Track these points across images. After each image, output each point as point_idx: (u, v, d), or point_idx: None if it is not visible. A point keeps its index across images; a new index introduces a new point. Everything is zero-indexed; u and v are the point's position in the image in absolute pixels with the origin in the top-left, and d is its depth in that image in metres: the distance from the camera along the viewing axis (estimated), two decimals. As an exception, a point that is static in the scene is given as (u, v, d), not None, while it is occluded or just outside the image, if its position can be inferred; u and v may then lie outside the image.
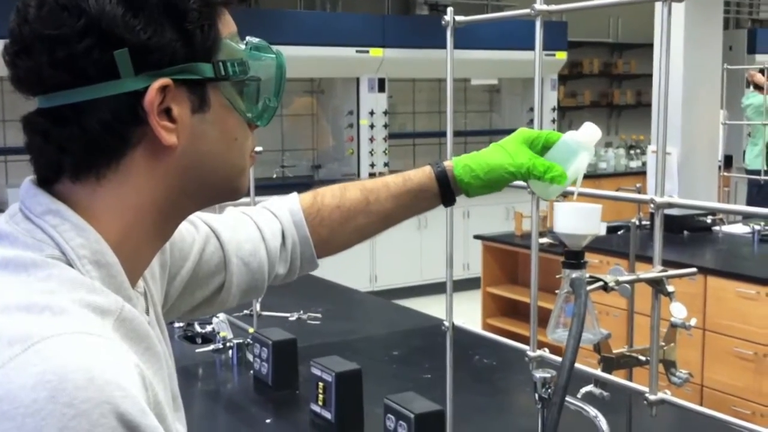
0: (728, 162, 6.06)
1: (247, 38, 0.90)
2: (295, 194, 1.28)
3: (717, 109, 4.81)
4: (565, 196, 1.32)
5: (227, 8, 0.86)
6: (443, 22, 1.56)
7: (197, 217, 1.13)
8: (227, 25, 0.86)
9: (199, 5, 0.81)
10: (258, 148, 1.01)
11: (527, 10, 1.45)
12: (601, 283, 1.30)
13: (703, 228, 4.66)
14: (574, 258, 1.30)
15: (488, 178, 1.24)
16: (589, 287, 1.25)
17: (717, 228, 4.68)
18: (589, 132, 1.25)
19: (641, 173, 7.78)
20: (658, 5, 1.30)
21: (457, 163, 1.26)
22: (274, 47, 0.93)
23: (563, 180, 1.22)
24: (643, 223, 4.42)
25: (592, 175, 8.12)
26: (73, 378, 0.67)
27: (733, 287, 3.82)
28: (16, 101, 0.82)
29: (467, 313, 5.16)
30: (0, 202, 5.98)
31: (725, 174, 5.36)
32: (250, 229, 1.20)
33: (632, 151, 9.03)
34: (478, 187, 1.25)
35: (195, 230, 1.12)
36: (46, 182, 0.82)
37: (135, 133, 0.80)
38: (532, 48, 1.45)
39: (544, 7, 1.43)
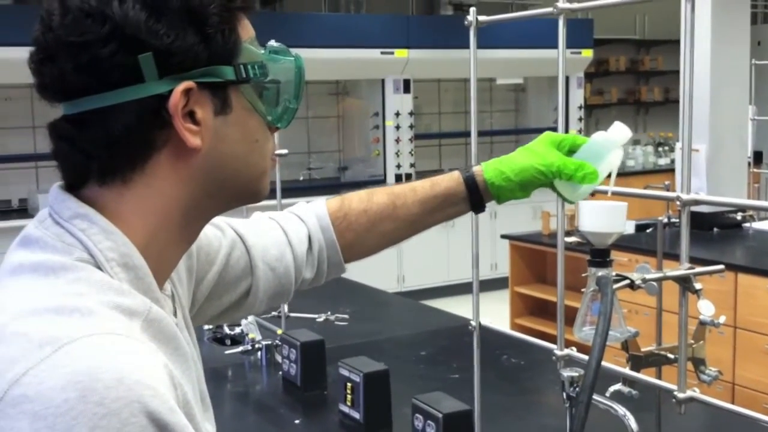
0: (758, 158, 5.99)
1: (267, 43, 0.92)
2: (322, 199, 1.28)
3: (745, 104, 4.75)
4: (593, 194, 1.31)
5: (246, 14, 0.87)
6: (466, 23, 1.56)
7: (224, 221, 1.14)
8: (246, 29, 0.87)
9: (219, 10, 0.82)
10: (284, 151, 1.03)
11: (550, 9, 1.44)
12: (627, 282, 1.29)
13: (733, 225, 4.61)
14: (599, 256, 1.29)
15: (519, 180, 1.23)
16: (615, 285, 1.24)
17: (747, 225, 4.63)
18: (619, 131, 1.25)
19: (670, 170, 7.71)
20: (682, 0, 1.29)
21: (487, 167, 1.25)
22: (294, 50, 0.94)
23: (595, 178, 1.21)
24: (673, 220, 4.38)
25: (620, 173, 7.99)
26: (103, 378, 0.68)
27: (765, 284, 3.77)
28: (45, 108, 0.83)
29: (495, 313, 5.16)
30: (31, 207, 6.06)
31: (755, 170, 5.30)
32: (277, 234, 1.20)
33: (660, 149, 8.95)
34: (509, 191, 1.24)
35: (222, 235, 1.13)
36: (74, 187, 0.83)
37: (160, 136, 0.81)
38: (557, 46, 1.45)
39: (567, 5, 1.43)
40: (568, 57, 1.47)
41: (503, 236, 5.38)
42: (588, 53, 7.98)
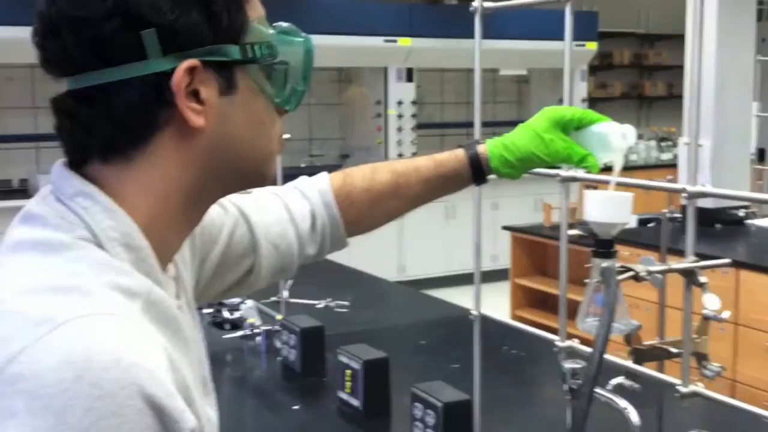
0: (761, 155, 5.97)
1: (276, 23, 0.90)
2: (324, 174, 1.27)
3: (749, 101, 4.74)
4: (595, 186, 1.31)
5: None
6: (471, 9, 1.54)
7: (226, 199, 1.13)
8: (255, 8, 0.86)
9: None
10: (286, 135, 1.01)
11: (558, -3, 1.43)
12: (632, 273, 1.28)
13: (735, 221, 4.60)
14: (604, 247, 1.28)
15: (523, 166, 1.26)
16: (619, 277, 1.23)
17: (749, 221, 4.62)
18: (632, 135, 1.25)
19: (672, 166, 7.67)
20: (692, -8, 1.28)
21: (493, 153, 1.26)
22: (303, 33, 0.93)
23: (595, 170, 1.25)
24: (675, 215, 4.37)
25: (622, 168, 8.03)
26: (100, 359, 0.67)
27: (767, 281, 3.76)
28: (46, 88, 0.82)
29: (496, 305, 5.15)
30: (32, 188, 6.06)
31: (758, 167, 5.28)
32: (280, 211, 1.20)
33: (663, 144, 8.93)
34: (511, 174, 1.28)
35: (224, 213, 1.12)
36: (77, 165, 0.82)
37: (162, 114, 0.80)
38: (561, 38, 1.44)
39: (576, -7, 1.41)
40: (572, 49, 1.47)
41: (504, 228, 5.37)
42: (592, 46, 7.95)
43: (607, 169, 1.29)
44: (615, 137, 1.24)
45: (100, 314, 0.70)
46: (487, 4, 1.54)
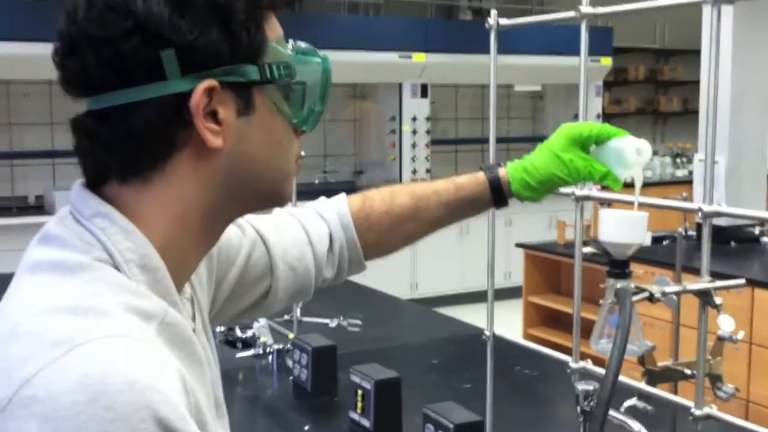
0: (777, 171, 5.93)
1: (294, 42, 0.90)
2: (343, 195, 1.26)
3: (766, 116, 4.71)
4: (609, 205, 1.30)
5: (274, 12, 0.86)
6: (486, 26, 1.55)
7: (245, 220, 1.13)
8: (274, 29, 0.86)
9: (245, 7, 0.81)
10: (301, 152, 1.01)
11: (572, 13, 1.43)
12: (646, 294, 1.27)
13: (750, 239, 4.57)
14: (619, 267, 1.27)
15: (544, 189, 1.26)
16: (634, 297, 1.23)
17: (765, 239, 4.59)
18: (648, 151, 1.24)
19: (688, 182, 7.65)
20: (706, 9, 1.28)
21: (514, 177, 1.25)
22: (320, 52, 0.93)
23: (618, 187, 1.24)
24: (689, 233, 4.34)
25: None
26: (114, 382, 0.67)
27: (782, 300, 3.73)
28: (63, 105, 0.83)
29: (508, 323, 5.11)
30: (48, 204, 6.09)
31: (774, 183, 5.24)
32: (298, 233, 1.19)
33: (678, 160, 8.89)
34: (533, 197, 1.27)
35: (242, 234, 1.11)
36: (95, 185, 0.82)
37: (181, 134, 0.80)
38: (576, 54, 1.44)
39: (590, 9, 1.41)
40: (587, 65, 1.46)
41: (518, 245, 5.35)
42: (607, 61, 7.95)
43: (627, 185, 1.28)
44: (630, 152, 1.23)
45: (116, 336, 0.70)
46: (502, 21, 1.54)
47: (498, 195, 1.25)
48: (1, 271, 1.81)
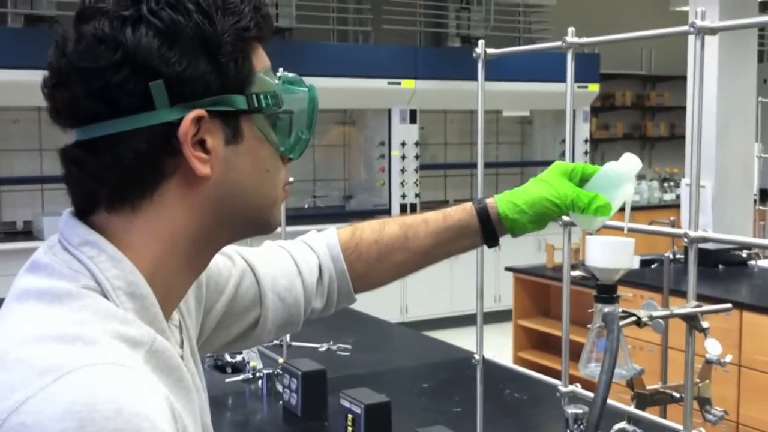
0: (764, 196, 5.98)
1: (281, 72, 0.91)
2: (333, 229, 1.26)
3: (752, 142, 4.76)
4: (605, 229, 1.30)
5: (261, 43, 0.87)
6: (474, 55, 1.57)
7: (234, 250, 1.13)
8: (261, 59, 0.87)
9: (232, 39, 0.82)
10: (290, 178, 1.02)
11: (558, 43, 1.45)
12: (634, 318, 1.28)
13: (738, 262, 4.59)
14: (606, 292, 1.28)
15: (532, 212, 1.21)
16: (621, 322, 1.23)
17: (752, 262, 4.62)
18: (631, 163, 1.24)
19: (675, 206, 7.70)
20: (691, 38, 1.30)
21: (500, 200, 1.23)
22: (307, 80, 0.94)
23: (608, 211, 1.20)
24: (677, 256, 4.36)
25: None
26: (102, 409, 0.67)
27: (770, 323, 3.74)
28: (52, 131, 0.83)
29: (498, 346, 5.12)
30: (36, 230, 6.07)
31: (761, 208, 5.29)
32: (287, 264, 1.19)
33: (666, 184, 8.95)
34: (523, 224, 1.22)
35: (231, 264, 1.12)
36: (84, 213, 0.83)
37: (169, 163, 0.81)
38: (564, 80, 1.45)
39: (576, 39, 1.44)
40: (575, 91, 1.48)
41: (507, 268, 5.36)
42: (594, 87, 8.01)
43: (620, 211, 1.26)
44: (617, 165, 1.23)
45: (103, 364, 0.71)
46: (489, 50, 1.56)
47: (486, 222, 1.23)
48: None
